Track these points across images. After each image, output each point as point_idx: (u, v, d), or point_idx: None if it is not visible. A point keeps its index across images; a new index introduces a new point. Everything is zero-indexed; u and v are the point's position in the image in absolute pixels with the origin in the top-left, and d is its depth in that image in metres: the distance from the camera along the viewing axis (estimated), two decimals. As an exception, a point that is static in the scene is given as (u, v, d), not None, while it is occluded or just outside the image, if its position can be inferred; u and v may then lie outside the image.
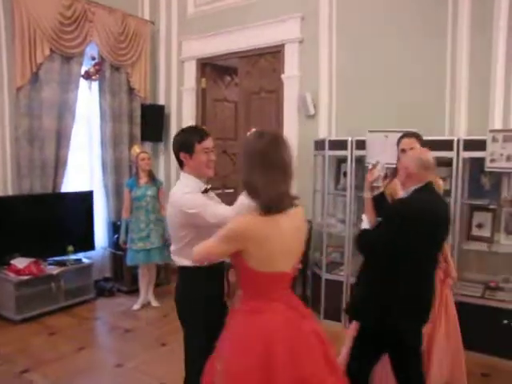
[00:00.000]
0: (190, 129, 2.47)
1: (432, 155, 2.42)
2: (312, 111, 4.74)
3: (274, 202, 1.73)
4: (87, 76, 5.16)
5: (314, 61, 4.74)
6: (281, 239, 1.75)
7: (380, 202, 2.59)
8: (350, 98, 4.55)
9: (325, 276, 4.33)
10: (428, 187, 2.36)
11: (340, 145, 4.19)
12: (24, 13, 4.50)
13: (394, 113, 4.22)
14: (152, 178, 4.65)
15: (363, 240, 2.45)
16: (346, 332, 2.81)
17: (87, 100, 5.29)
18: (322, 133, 4.70)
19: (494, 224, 3.78)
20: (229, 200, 6.50)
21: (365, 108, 4.43)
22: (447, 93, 4.06)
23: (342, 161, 4.40)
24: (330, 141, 4.27)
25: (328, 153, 4.26)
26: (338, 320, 4.24)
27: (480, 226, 3.84)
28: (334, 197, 4.58)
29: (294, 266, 1.88)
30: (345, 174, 4.31)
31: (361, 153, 4.07)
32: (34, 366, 3.45)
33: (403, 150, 2.84)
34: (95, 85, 5.30)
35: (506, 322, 3.44)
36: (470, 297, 3.62)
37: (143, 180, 4.57)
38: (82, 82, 5.11)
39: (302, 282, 4.72)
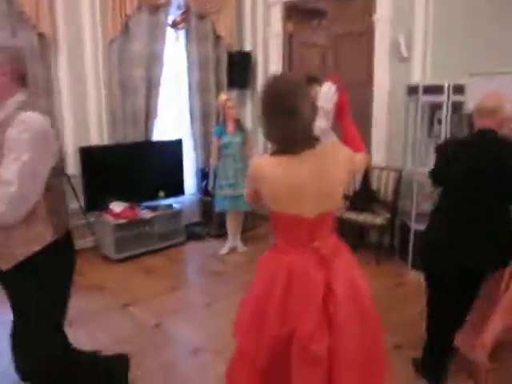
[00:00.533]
0: None
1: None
2: (405, 54, 4.44)
3: (280, 145, 1.75)
4: (174, 25, 5.22)
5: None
6: (290, 181, 1.72)
7: None
8: (448, 38, 4.18)
9: (414, 226, 4.19)
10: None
11: (435, 90, 3.91)
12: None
13: (500, 52, 3.81)
14: (239, 125, 4.67)
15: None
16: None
17: (174, 49, 5.35)
18: (416, 77, 4.40)
19: None
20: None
21: (465, 49, 4.04)
22: None
23: (436, 107, 4.12)
24: (424, 86, 3.99)
25: (422, 98, 4.01)
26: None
27: None
28: (427, 145, 4.34)
29: (325, 211, 1.81)
30: (439, 121, 4.05)
31: (459, 98, 3.77)
32: (133, 301, 3.74)
33: None
34: (182, 34, 5.34)
35: None
36: None
37: (230, 128, 4.61)
38: (169, 32, 5.16)
39: (390, 232, 4.64)
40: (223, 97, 4.68)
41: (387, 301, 3.68)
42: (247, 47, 5.90)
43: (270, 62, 5.71)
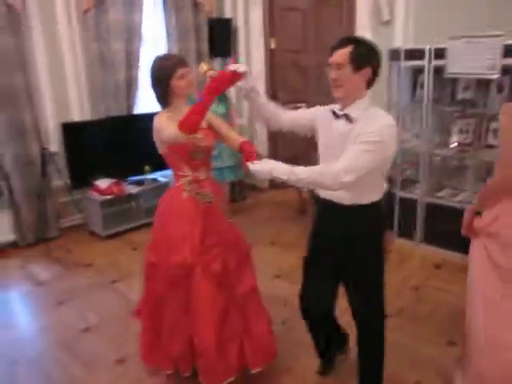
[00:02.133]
0: None
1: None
2: (387, 17, 4.36)
3: None
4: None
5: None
6: None
7: None
8: (429, 2, 4.10)
9: (399, 194, 4.22)
10: None
11: (416, 54, 3.85)
12: None
13: (480, 15, 3.75)
14: (222, 95, 4.59)
15: None
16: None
17: (153, 20, 5.22)
18: (398, 41, 4.34)
19: None
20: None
21: (446, 11, 3.97)
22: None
23: (418, 71, 4.08)
24: (405, 50, 3.93)
25: (403, 63, 3.95)
26: (411, 238, 4.18)
27: None
28: (411, 110, 4.31)
29: None
30: (422, 86, 4.02)
31: (440, 62, 3.72)
32: (121, 277, 3.79)
33: None
34: (159, 3, 5.18)
35: None
36: None
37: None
38: (147, 2, 5.01)
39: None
40: (204, 67, 4.58)
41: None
42: (227, 14, 5.75)
43: (251, 29, 5.59)
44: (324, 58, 1.96)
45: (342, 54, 1.85)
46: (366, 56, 1.87)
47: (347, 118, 1.93)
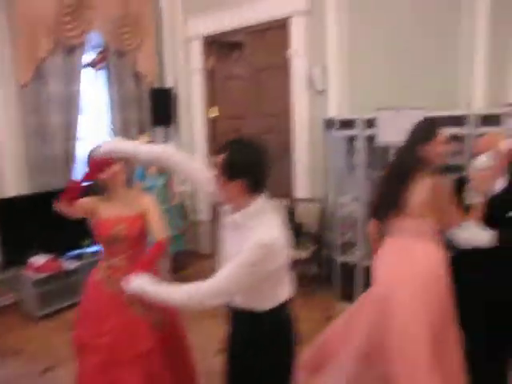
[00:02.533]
0: None
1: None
2: (320, 86, 4.54)
3: None
4: (93, 65, 5.10)
5: (322, 34, 4.49)
6: None
7: None
8: (360, 73, 4.33)
9: (339, 258, 4.24)
10: None
11: (349, 124, 4.00)
12: (25, 7, 4.41)
13: (405, 88, 3.98)
14: (161, 169, 4.58)
15: None
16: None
17: (94, 90, 5.23)
18: (333, 109, 4.50)
19: None
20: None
21: (376, 84, 4.20)
22: (463, 67, 3.81)
23: (353, 138, 4.22)
24: (338, 121, 4.08)
25: (337, 133, 4.09)
26: (352, 302, 4.17)
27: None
28: (348, 175, 4.42)
29: None
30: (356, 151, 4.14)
31: (371, 131, 3.86)
32: (57, 363, 3.54)
33: None
34: (101, 74, 5.22)
35: None
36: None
37: (151, 169, 4.52)
38: (87, 73, 5.04)
39: (317, 263, 4.67)
40: (142, 139, 4.59)
41: (315, 335, 3.69)
42: (169, 83, 5.84)
43: (192, 98, 5.68)
44: (264, 124, 1.97)
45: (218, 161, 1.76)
46: (238, 167, 1.73)
47: (234, 223, 1.82)
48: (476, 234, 2.25)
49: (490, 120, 3.34)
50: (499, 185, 2.21)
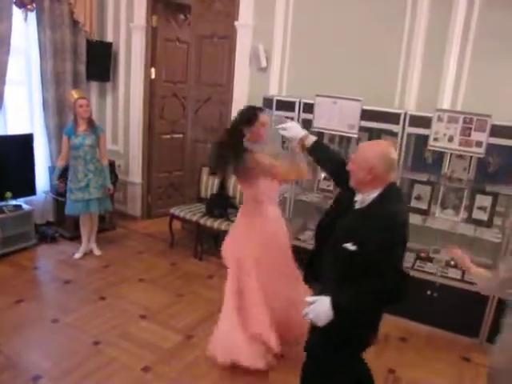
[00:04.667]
0: None
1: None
2: (264, 64, 4.58)
3: None
4: (21, 4, 4.71)
5: (270, 11, 4.49)
6: None
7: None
8: (303, 56, 4.42)
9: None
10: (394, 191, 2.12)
11: (287, 105, 4.10)
12: None
13: (345, 79, 4.14)
14: (91, 125, 4.42)
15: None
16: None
17: (24, 32, 4.88)
18: (273, 88, 4.58)
19: (432, 198, 3.90)
20: (177, 144, 6.37)
21: (318, 69, 4.31)
22: (401, 67, 4.02)
23: (290, 119, 4.32)
24: (277, 101, 4.16)
25: (275, 113, 4.18)
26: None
27: (419, 198, 3.94)
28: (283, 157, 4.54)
29: None
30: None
31: (308, 116, 4.00)
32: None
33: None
34: (32, 16, 4.87)
35: (429, 293, 3.68)
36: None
37: (82, 128, 4.36)
38: (17, 13, 4.68)
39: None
40: (75, 95, 4.40)
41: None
42: (109, 38, 5.59)
43: (132, 56, 5.50)
44: (203, 93, 2.01)
45: None
46: None
47: None
48: None
49: (420, 121, 3.60)
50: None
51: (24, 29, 4.87)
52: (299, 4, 4.37)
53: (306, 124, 4.02)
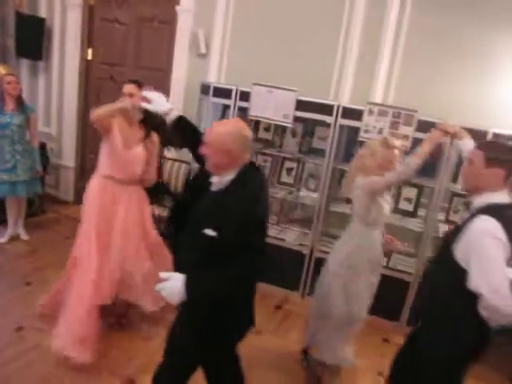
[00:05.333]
0: None
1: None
2: (203, 50, 4.56)
3: None
4: None
5: (211, -2, 4.48)
6: None
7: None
8: (242, 44, 4.45)
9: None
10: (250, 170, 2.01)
11: (224, 93, 4.11)
12: None
13: (282, 69, 4.21)
14: (20, 104, 4.22)
15: None
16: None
17: None
18: (212, 75, 4.58)
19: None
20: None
21: (256, 57, 4.35)
22: (337, 60, 4.14)
23: (227, 107, 4.35)
24: (214, 87, 4.16)
25: (212, 99, 4.18)
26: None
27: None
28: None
29: None
30: (229, 121, 4.28)
31: (245, 104, 4.03)
32: None
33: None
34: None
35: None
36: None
37: (9, 107, 4.15)
38: None
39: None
40: (2, 71, 4.18)
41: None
42: (42, 13, 5.34)
43: (67, 34, 5.29)
44: (140, 76, 1.98)
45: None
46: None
47: None
48: None
49: (352, 114, 3.72)
50: None
51: None
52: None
53: (243, 112, 4.07)
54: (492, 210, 1.88)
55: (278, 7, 4.23)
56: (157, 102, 2.41)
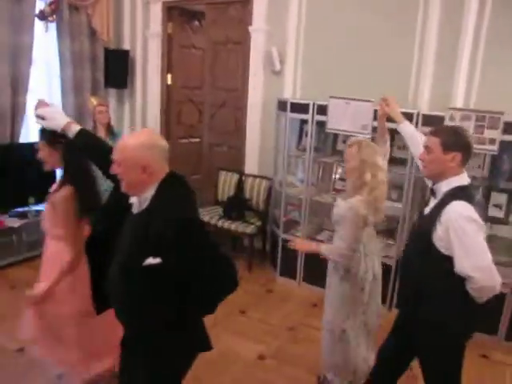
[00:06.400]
0: None
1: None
2: (278, 67, 4.65)
3: None
4: (42, 16, 4.87)
5: (284, 15, 4.57)
6: None
7: None
8: (316, 58, 4.48)
9: (282, 235, 4.47)
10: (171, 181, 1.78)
11: (301, 108, 4.16)
12: None
13: (357, 80, 4.19)
14: (110, 131, 4.51)
15: None
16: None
17: (45, 43, 5.04)
18: (288, 90, 4.65)
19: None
20: (194, 148, 6.44)
21: (331, 71, 4.37)
22: (414, 67, 4.06)
23: (305, 121, 4.39)
24: (291, 103, 4.22)
25: (289, 115, 4.24)
26: (293, 278, 4.45)
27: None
28: (296, 156, 4.62)
29: None
30: (306, 135, 4.32)
31: (322, 118, 4.05)
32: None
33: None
34: (52, 27, 5.02)
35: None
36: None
37: (101, 134, 4.46)
38: (38, 24, 4.84)
39: (261, 238, 4.88)
40: (94, 101, 4.51)
41: (255, 307, 3.94)
42: (126, 45, 5.73)
43: (149, 62, 5.62)
44: (218, 98, 2.04)
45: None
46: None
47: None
48: None
49: (432, 120, 3.61)
50: None
51: (45, 39, 5.03)
52: (312, 7, 4.44)
53: (321, 126, 4.10)
54: (461, 194, 1.98)
55: (350, 19, 4.22)
56: (50, 118, 2.17)
